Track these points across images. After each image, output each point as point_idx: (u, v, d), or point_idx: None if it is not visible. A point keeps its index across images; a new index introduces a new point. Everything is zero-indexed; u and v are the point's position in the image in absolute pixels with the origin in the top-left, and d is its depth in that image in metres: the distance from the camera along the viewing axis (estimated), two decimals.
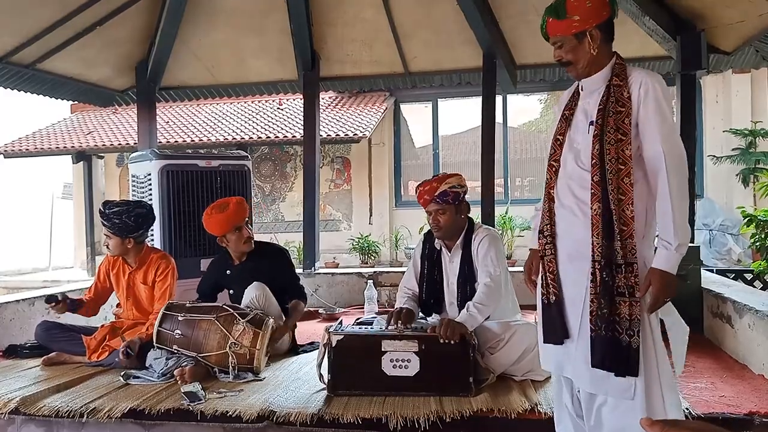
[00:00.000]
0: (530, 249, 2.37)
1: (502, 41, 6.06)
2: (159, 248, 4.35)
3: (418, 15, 6.00)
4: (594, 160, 2.04)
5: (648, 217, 2.09)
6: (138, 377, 3.29)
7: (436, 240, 3.36)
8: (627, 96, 2.04)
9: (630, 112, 2.03)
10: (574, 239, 2.10)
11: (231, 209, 3.81)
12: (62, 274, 12.63)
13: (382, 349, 2.92)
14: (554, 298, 2.15)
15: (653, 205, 2.06)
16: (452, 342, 2.84)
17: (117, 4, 5.36)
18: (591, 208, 2.04)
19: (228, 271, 3.95)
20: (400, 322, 3.06)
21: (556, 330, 2.14)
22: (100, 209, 3.82)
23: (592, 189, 2.04)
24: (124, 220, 3.70)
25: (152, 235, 4.69)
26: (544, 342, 2.21)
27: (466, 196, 3.29)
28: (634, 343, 1.97)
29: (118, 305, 4.06)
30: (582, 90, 2.18)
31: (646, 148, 2.04)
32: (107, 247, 3.80)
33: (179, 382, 3.16)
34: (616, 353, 1.98)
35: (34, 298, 4.60)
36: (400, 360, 2.91)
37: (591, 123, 2.09)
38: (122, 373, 3.32)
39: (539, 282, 2.23)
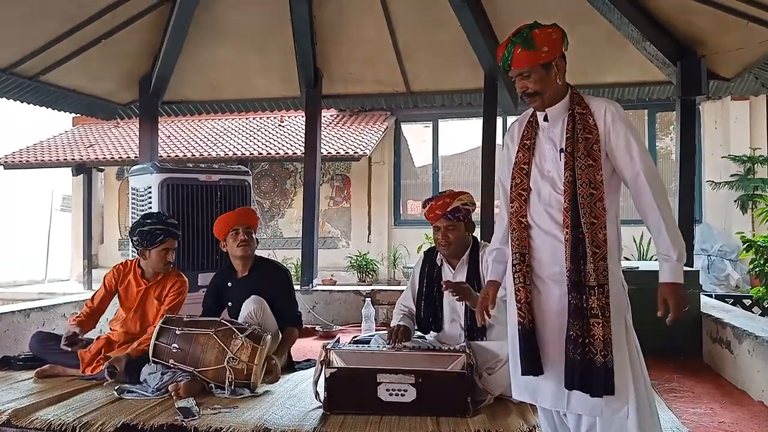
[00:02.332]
0: (490, 281, 2.37)
1: None
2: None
3: (421, 36, 6.06)
4: (566, 188, 2.09)
5: (618, 238, 2.16)
6: (132, 392, 3.26)
7: (438, 256, 3.35)
8: (593, 123, 2.10)
9: (598, 138, 2.09)
10: (561, 264, 2.10)
11: (235, 210, 4.01)
12: (58, 287, 12.56)
13: (378, 381, 2.90)
14: (530, 326, 2.13)
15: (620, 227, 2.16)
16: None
17: (123, 18, 5.40)
18: (563, 234, 2.08)
19: (229, 284, 3.94)
20: (398, 340, 3.05)
21: (534, 360, 2.12)
22: (173, 221, 3.90)
23: (563, 216, 2.08)
24: None
25: None
26: (523, 374, 2.15)
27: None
28: (609, 362, 2.00)
29: (114, 317, 4.03)
30: (546, 120, 2.19)
31: (624, 169, 2.10)
32: (170, 261, 3.82)
33: (173, 397, 3.13)
34: (590, 374, 2.00)
35: (29, 309, 4.58)
36: (397, 390, 2.89)
37: (561, 151, 2.12)
38: (116, 387, 3.29)
39: (513, 310, 2.20)
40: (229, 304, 3.92)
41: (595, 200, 2.06)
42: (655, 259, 2.18)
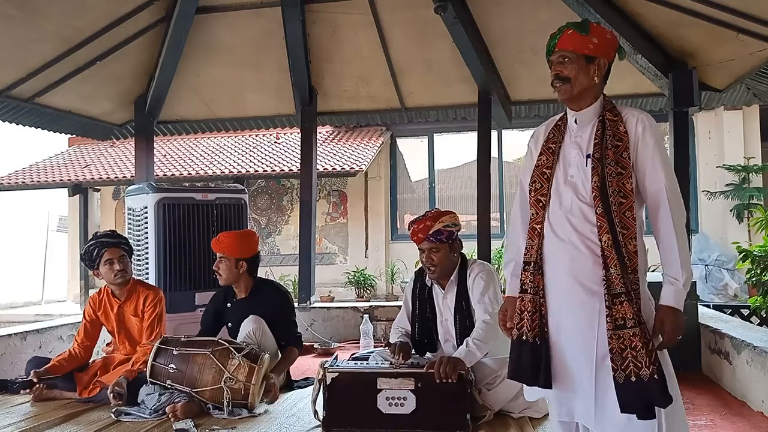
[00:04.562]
0: (507, 297, 2.24)
1: (497, 78, 6.15)
2: (147, 282, 4.32)
3: (415, 52, 6.10)
4: (595, 193, 2.00)
5: (645, 251, 2.04)
6: (129, 414, 3.24)
7: (427, 277, 3.35)
8: (623, 130, 2.03)
9: (627, 146, 2.02)
10: (578, 274, 2.01)
11: (222, 235, 3.92)
12: (55, 308, 12.51)
13: (378, 387, 2.88)
14: (538, 339, 2.03)
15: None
16: (450, 381, 2.79)
17: (117, 39, 5.43)
18: (600, 241, 1.97)
19: (228, 304, 3.92)
20: (400, 355, 3.04)
21: (528, 370, 2.03)
22: (107, 232, 3.89)
23: (598, 222, 1.98)
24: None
25: (147, 268, 4.67)
26: (509, 378, 2.10)
27: (461, 232, 3.27)
28: (659, 373, 1.89)
29: (108, 344, 4.02)
30: (576, 123, 2.13)
31: (648, 182, 2.02)
32: (124, 272, 3.75)
33: (171, 418, 3.11)
34: (642, 390, 1.87)
35: (26, 332, 4.56)
36: (396, 398, 2.87)
37: (588, 156, 2.05)
38: (113, 410, 3.27)
39: (515, 320, 2.12)
40: (229, 324, 3.91)
41: (624, 209, 1.97)
42: (652, 271, 2.14)
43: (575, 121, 2.13)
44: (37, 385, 3.56)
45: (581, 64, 2.06)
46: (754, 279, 5.29)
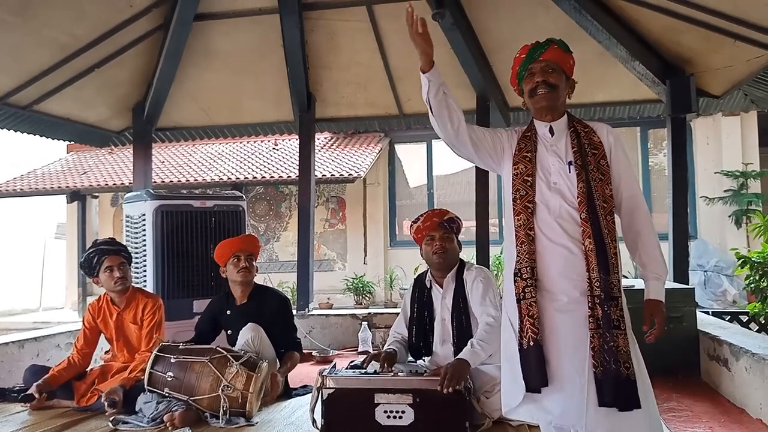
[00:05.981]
0: None
1: (494, 84, 6.17)
2: (146, 290, 4.32)
3: (413, 59, 6.03)
4: (580, 198, 2.10)
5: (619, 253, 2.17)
6: (127, 422, 3.22)
7: (427, 277, 3.36)
8: (597, 140, 2.18)
9: (604, 154, 2.17)
10: (572, 278, 2.08)
11: (238, 236, 4.07)
12: (53, 315, 12.47)
13: (375, 402, 2.87)
14: (532, 343, 2.06)
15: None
16: (451, 390, 2.77)
17: (116, 47, 5.44)
18: (583, 244, 2.07)
19: (228, 311, 3.92)
20: (383, 364, 3.03)
21: (535, 376, 2.05)
22: (106, 240, 3.92)
23: (582, 226, 2.08)
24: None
25: (145, 275, 4.66)
26: (528, 390, 2.07)
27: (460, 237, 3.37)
28: (632, 375, 1.97)
29: (106, 352, 4.00)
30: (551, 134, 2.22)
31: (623, 188, 2.18)
32: (124, 279, 3.75)
33: (169, 427, 3.10)
34: (621, 388, 1.96)
35: (24, 340, 4.54)
36: (394, 411, 2.86)
37: (570, 163, 2.15)
38: (111, 418, 3.25)
39: (513, 327, 2.15)
40: (229, 332, 3.90)
41: (606, 213, 2.09)
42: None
43: (550, 131, 2.23)
44: (38, 398, 3.54)
45: (562, 78, 2.22)
46: (752, 285, 5.29)
